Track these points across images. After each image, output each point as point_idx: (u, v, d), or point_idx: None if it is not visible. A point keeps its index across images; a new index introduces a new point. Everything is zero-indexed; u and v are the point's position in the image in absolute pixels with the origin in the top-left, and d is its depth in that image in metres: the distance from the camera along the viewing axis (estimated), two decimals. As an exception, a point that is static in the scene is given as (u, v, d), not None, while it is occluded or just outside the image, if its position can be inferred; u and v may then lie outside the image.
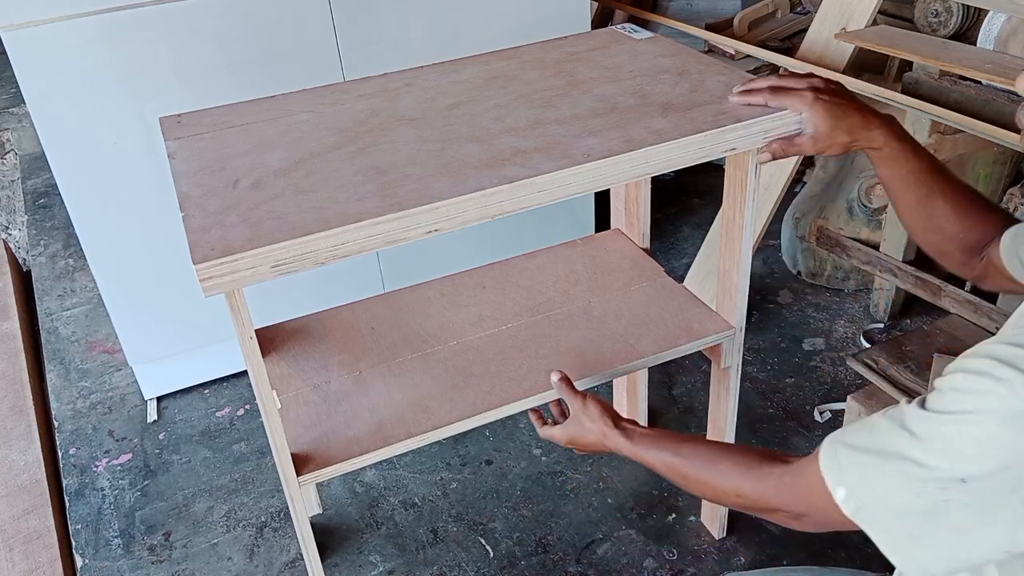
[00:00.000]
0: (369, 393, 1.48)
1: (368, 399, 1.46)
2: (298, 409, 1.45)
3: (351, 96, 1.48)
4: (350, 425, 1.41)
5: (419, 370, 1.52)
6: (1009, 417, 0.69)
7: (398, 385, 1.49)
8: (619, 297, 1.68)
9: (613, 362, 1.52)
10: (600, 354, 1.54)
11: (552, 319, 1.63)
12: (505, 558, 1.89)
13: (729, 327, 1.58)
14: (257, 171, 1.22)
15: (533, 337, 1.59)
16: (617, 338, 1.57)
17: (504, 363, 1.53)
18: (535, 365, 1.51)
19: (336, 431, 1.40)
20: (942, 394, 0.74)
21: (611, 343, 1.56)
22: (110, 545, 1.99)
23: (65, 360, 2.60)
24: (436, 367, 1.53)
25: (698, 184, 3.29)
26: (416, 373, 1.52)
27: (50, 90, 1.88)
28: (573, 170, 1.16)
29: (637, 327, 1.60)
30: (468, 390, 1.47)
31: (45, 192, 3.60)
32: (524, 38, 1.73)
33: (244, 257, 1.01)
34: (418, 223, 1.09)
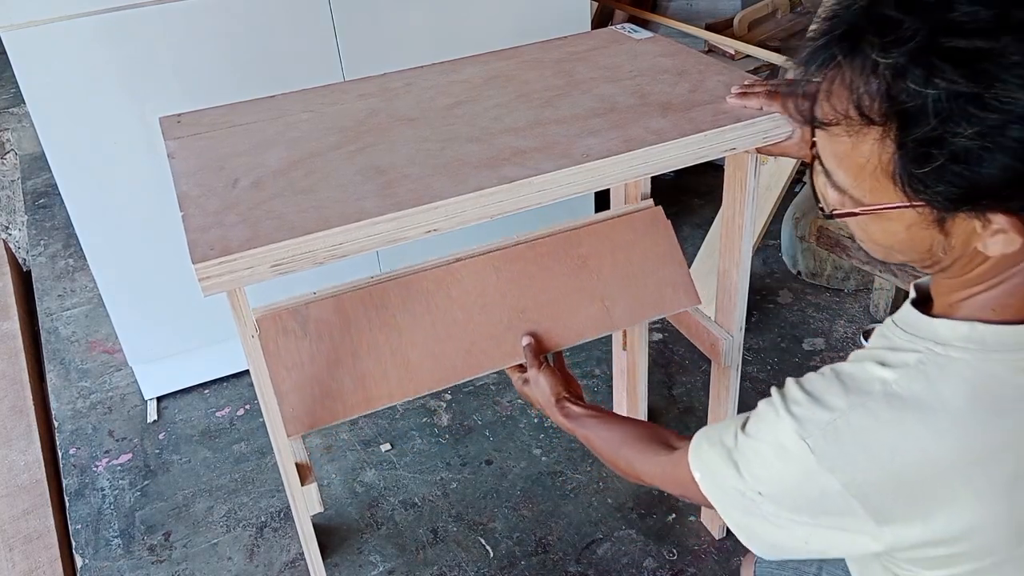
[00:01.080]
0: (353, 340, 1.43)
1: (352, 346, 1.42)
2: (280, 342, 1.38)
3: (351, 96, 1.48)
4: (334, 376, 1.39)
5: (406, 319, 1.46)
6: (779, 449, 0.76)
7: (385, 337, 1.44)
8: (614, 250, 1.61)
9: (586, 331, 1.55)
10: (575, 317, 1.55)
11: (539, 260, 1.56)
12: (505, 558, 1.89)
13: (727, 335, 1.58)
14: (256, 171, 1.22)
15: (517, 279, 1.52)
16: (596, 298, 1.57)
17: (486, 311, 1.49)
18: (513, 320, 1.51)
19: (320, 379, 1.38)
20: (756, 413, 0.82)
21: (588, 304, 1.56)
22: (110, 545, 1.99)
23: (65, 360, 2.60)
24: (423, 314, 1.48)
25: (698, 184, 3.29)
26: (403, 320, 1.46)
27: (50, 90, 1.88)
28: (572, 170, 1.16)
29: (618, 287, 1.57)
30: (450, 343, 1.47)
31: (45, 192, 3.60)
32: (524, 38, 1.73)
33: (243, 257, 1.01)
34: (417, 223, 1.09)
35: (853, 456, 0.71)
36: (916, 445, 0.70)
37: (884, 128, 0.65)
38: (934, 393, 0.70)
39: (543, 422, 2.25)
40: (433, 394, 2.35)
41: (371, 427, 2.27)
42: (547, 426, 2.24)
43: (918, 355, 0.72)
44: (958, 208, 0.66)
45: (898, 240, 0.73)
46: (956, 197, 0.65)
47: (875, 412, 0.71)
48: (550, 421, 2.25)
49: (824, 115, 0.70)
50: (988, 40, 0.59)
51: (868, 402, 0.72)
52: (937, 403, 0.70)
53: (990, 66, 0.59)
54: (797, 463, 0.74)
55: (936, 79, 0.60)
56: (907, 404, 0.70)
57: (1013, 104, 0.59)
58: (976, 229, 0.67)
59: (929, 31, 0.60)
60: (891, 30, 0.62)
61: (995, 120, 0.60)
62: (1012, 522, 0.72)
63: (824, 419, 0.73)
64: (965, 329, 0.72)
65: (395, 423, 2.28)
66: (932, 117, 0.61)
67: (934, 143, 0.62)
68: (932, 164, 0.63)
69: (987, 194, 0.63)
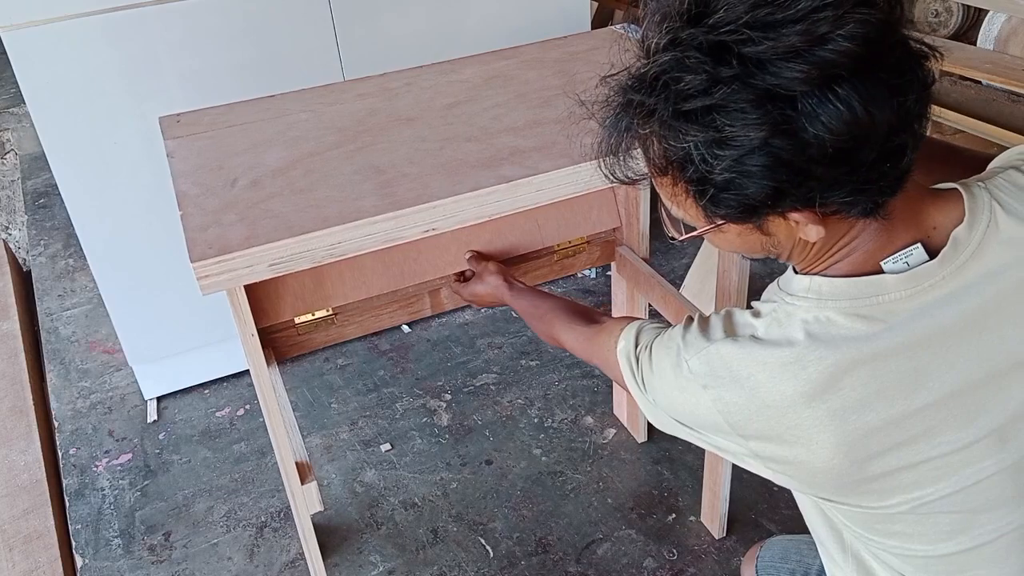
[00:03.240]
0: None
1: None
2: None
3: (350, 96, 1.48)
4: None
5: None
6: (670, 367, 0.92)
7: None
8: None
9: (520, 246, 1.70)
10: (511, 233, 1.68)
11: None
12: (505, 558, 1.89)
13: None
14: (255, 170, 1.22)
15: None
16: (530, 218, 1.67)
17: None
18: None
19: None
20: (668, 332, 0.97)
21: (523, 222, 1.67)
22: (110, 545, 1.99)
23: (65, 360, 2.60)
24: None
25: (698, 184, 3.29)
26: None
27: (50, 90, 1.88)
28: (570, 169, 1.16)
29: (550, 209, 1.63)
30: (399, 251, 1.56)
31: (45, 192, 3.60)
32: (524, 38, 1.73)
33: (241, 256, 1.01)
34: (415, 222, 1.09)
35: (720, 377, 0.87)
36: (769, 374, 0.84)
37: (672, 175, 0.81)
38: (782, 333, 0.85)
39: (543, 422, 2.25)
40: (433, 394, 2.35)
41: (371, 427, 2.27)
42: (547, 426, 2.24)
43: (774, 304, 0.88)
44: (748, 219, 0.81)
45: (740, 246, 0.89)
46: (740, 214, 0.80)
47: (742, 345, 0.86)
48: (550, 421, 2.25)
49: (633, 175, 0.88)
50: (708, 98, 0.73)
51: (738, 339, 0.87)
52: (784, 341, 0.84)
53: (716, 116, 0.73)
54: (679, 379, 0.90)
55: (685, 136, 0.75)
56: (763, 343, 0.85)
57: (743, 140, 0.73)
58: (790, 226, 0.82)
59: (667, 103, 0.76)
60: (641, 109, 0.78)
61: (735, 155, 0.74)
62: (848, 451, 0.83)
63: (703, 346, 0.89)
64: (806, 281, 0.86)
65: (395, 423, 2.28)
66: (694, 162, 0.76)
67: (703, 180, 0.77)
68: (709, 195, 0.78)
69: (760, 206, 0.78)
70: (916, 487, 0.86)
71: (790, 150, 0.73)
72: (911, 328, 0.82)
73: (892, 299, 0.83)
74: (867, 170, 0.76)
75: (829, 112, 0.72)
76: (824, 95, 0.72)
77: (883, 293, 0.83)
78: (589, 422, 2.24)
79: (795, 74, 0.71)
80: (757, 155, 0.74)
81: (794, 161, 0.74)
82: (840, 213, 0.80)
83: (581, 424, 2.24)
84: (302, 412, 2.34)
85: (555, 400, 2.32)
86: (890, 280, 0.83)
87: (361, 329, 1.65)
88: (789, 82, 0.71)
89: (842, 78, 0.72)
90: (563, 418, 2.26)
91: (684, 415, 0.93)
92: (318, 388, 2.43)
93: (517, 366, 2.45)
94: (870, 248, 0.84)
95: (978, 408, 0.84)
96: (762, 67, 0.72)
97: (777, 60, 0.72)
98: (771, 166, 0.74)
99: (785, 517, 1.94)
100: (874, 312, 0.83)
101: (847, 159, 0.74)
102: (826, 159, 0.74)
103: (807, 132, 0.72)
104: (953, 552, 0.90)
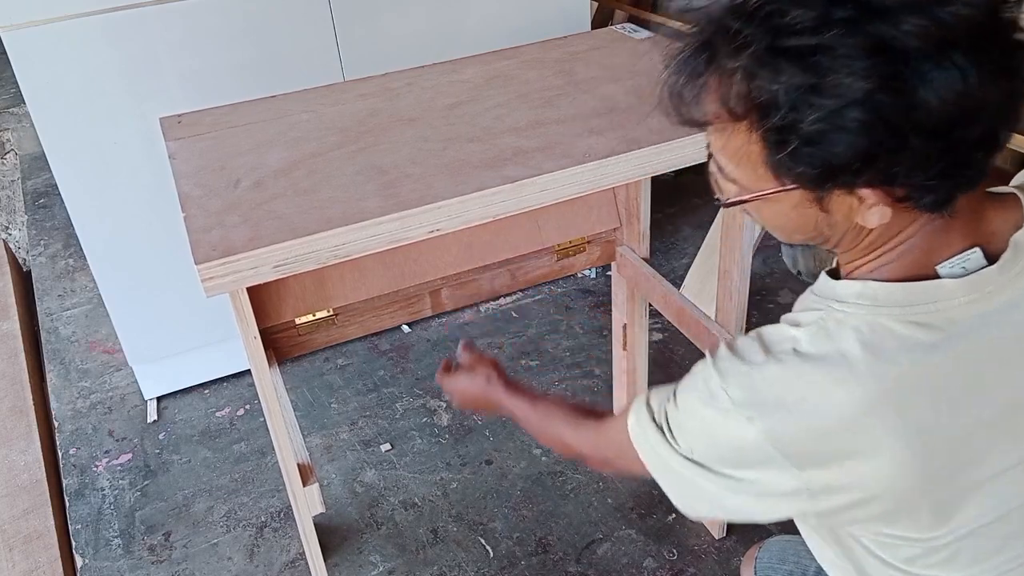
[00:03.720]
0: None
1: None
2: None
3: (351, 96, 1.48)
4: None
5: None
6: (705, 401, 0.83)
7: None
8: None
9: (520, 246, 1.70)
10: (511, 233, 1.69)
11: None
12: (505, 558, 1.89)
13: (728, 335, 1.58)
14: (258, 171, 1.21)
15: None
16: (531, 217, 1.68)
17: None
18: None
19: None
20: (690, 373, 0.89)
21: (524, 222, 1.67)
22: (110, 545, 1.99)
23: (65, 360, 2.60)
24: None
25: (698, 184, 3.27)
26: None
27: (50, 90, 1.88)
28: (574, 170, 1.16)
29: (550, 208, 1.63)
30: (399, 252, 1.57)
31: (45, 192, 3.59)
32: (524, 38, 1.73)
33: (246, 257, 1.01)
34: (420, 223, 1.09)
35: (768, 405, 0.78)
36: (821, 394, 0.76)
37: (748, 122, 0.74)
38: (833, 346, 0.77)
39: (543, 422, 2.25)
40: (433, 394, 2.35)
41: (371, 427, 2.27)
42: (547, 426, 2.23)
43: (819, 313, 0.81)
44: (822, 185, 0.74)
45: (789, 220, 0.81)
46: (816, 176, 0.73)
47: (786, 364, 0.78)
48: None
49: (700, 117, 0.79)
50: (816, 37, 0.67)
51: (781, 356, 0.79)
52: (836, 354, 0.77)
53: (822, 59, 0.67)
54: (719, 413, 0.80)
55: (779, 75, 0.69)
56: (812, 358, 0.77)
57: (846, 90, 0.67)
58: (853, 205, 0.76)
59: (767, 35, 0.69)
60: (736, 38, 0.71)
61: (833, 105, 0.68)
62: (917, 469, 0.77)
63: (742, 371, 0.80)
64: (858, 287, 0.80)
65: (395, 423, 2.28)
66: (782, 108, 0.69)
67: (787, 130, 0.70)
68: (789, 148, 0.71)
69: (842, 170, 0.71)
70: (976, 509, 0.81)
71: (894, 110, 0.67)
72: (972, 337, 0.77)
73: (951, 306, 0.77)
74: (962, 152, 0.71)
75: (943, 77, 0.67)
76: (940, 58, 0.67)
77: (941, 300, 0.77)
78: (589, 422, 2.24)
79: (913, 28, 0.66)
80: (858, 109, 0.68)
81: (895, 123, 0.68)
82: (910, 201, 0.74)
83: (581, 424, 2.23)
84: (302, 412, 2.34)
85: (555, 400, 2.32)
86: (949, 285, 0.78)
87: (361, 329, 1.65)
88: (905, 36, 0.66)
89: (959, 45, 0.67)
90: (563, 418, 2.26)
91: (729, 455, 0.82)
92: (318, 388, 2.43)
93: (517, 366, 2.45)
94: (925, 249, 0.79)
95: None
96: (879, 14, 0.67)
97: (896, 10, 0.67)
98: (870, 124, 0.68)
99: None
100: (933, 320, 0.77)
101: (947, 134, 0.69)
102: (927, 129, 0.68)
103: (916, 94, 0.67)
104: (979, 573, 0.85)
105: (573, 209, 1.72)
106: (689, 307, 1.69)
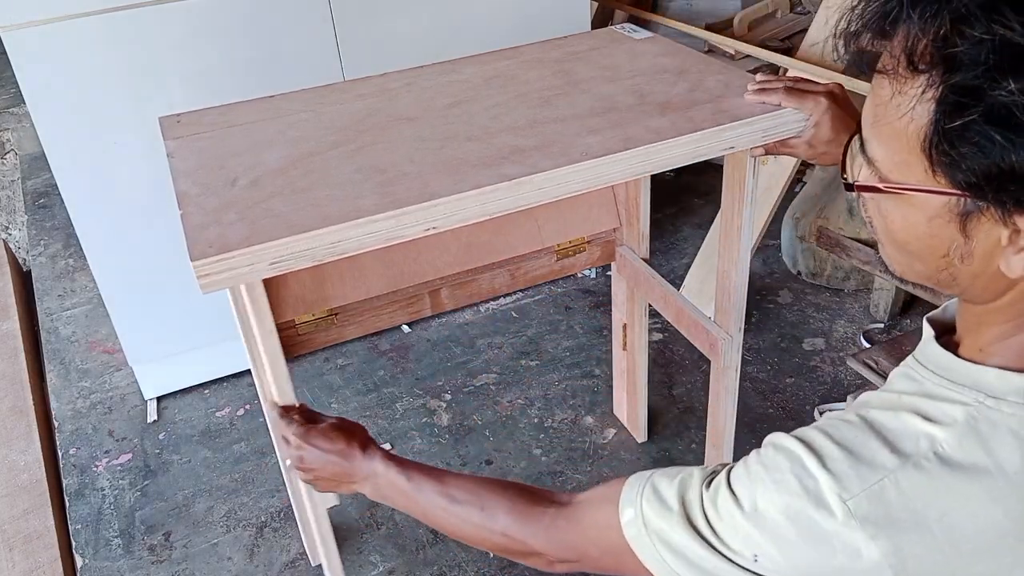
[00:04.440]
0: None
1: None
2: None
3: (350, 96, 1.48)
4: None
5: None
6: (803, 507, 0.67)
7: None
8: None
9: (519, 246, 1.70)
10: (511, 233, 1.69)
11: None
12: (505, 558, 1.89)
13: (727, 335, 1.58)
14: (255, 170, 1.21)
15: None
16: (530, 217, 1.68)
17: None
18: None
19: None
20: (748, 463, 0.74)
21: (523, 221, 1.68)
22: (110, 545, 1.99)
23: (65, 360, 2.60)
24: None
25: (698, 184, 3.29)
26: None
27: (50, 90, 1.88)
28: (571, 168, 1.16)
29: (550, 208, 1.65)
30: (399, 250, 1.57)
31: (45, 192, 3.60)
32: (524, 38, 1.73)
33: (242, 254, 1.01)
34: (416, 220, 1.09)
35: (900, 521, 0.64)
36: (969, 512, 0.63)
37: (928, 77, 0.59)
38: (989, 455, 0.63)
39: (543, 422, 2.25)
40: (433, 394, 2.35)
41: (371, 427, 2.27)
42: (547, 426, 2.24)
43: (967, 408, 0.65)
44: (978, 191, 0.59)
45: (917, 235, 0.65)
46: (979, 173, 0.58)
47: (928, 473, 0.64)
48: (550, 421, 2.25)
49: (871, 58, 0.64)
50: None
51: (920, 462, 0.64)
52: (993, 466, 0.63)
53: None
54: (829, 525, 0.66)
55: (995, 25, 0.55)
56: (960, 467, 0.63)
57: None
58: (1001, 240, 0.61)
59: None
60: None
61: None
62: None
63: (871, 478, 0.65)
64: (1017, 381, 0.64)
65: (395, 423, 2.28)
66: (980, 64, 0.55)
67: (973, 92, 0.56)
68: (965, 118, 0.57)
69: (1010, 178, 0.57)
70: None
71: None
72: None
73: None
74: None
75: None
76: None
77: None
78: (589, 422, 2.24)
79: None
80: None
81: None
82: None
83: (581, 424, 2.24)
84: (302, 412, 2.34)
85: (555, 400, 2.32)
86: None
87: (361, 329, 1.65)
88: None
89: None
90: (563, 418, 2.26)
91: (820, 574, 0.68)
92: (318, 388, 2.43)
93: (517, 366, 2.45)
94: None
95: None
96: None
97: None
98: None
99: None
100: None
101: None
102: None
103: None
104: None
105: (573, 209, 1.72)
106: (688, 307, 1.69)
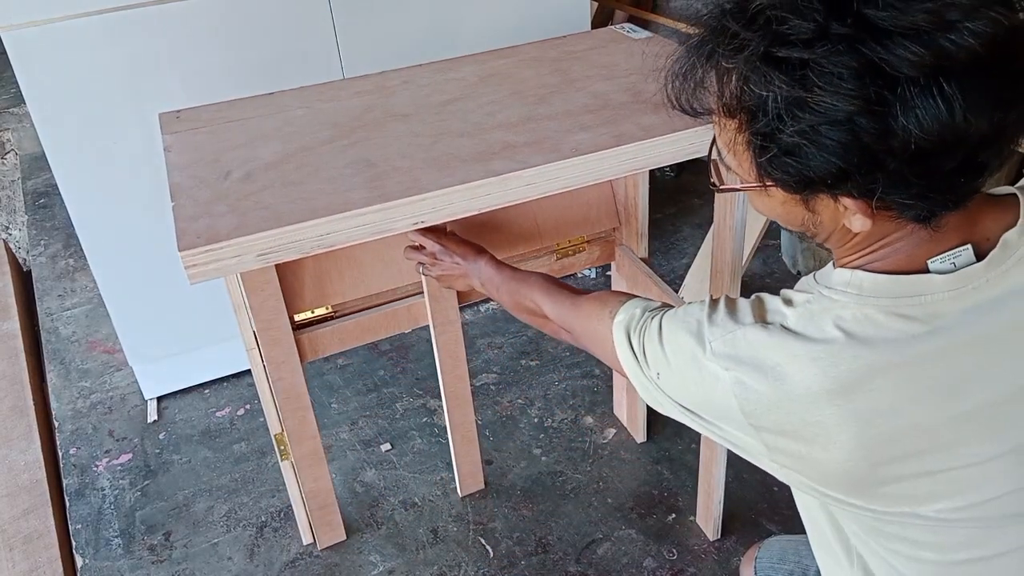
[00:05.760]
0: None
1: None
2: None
3: (347, 93, 1.48)
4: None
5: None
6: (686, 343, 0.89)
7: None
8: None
9: (518, 243, 1.71)
10: (510, 230, 1.71)
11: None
12: (505, 558, 1.89)
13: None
14: (249, 164, 1.22)
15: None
16: (529, 215, 1.69)
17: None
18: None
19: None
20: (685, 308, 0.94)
21: (522, 219, 1.68)
22: (110, 545, 1.99)
23: (65, 360, 2.60)
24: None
25: (698, 184, 3.28)
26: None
27: (50, 90, 1.88)
28: (561, 164, 1.16)
29: (549, 206, 1.68)
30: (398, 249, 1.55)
31: (45, 192, 3.61)
32: (523, 38, 1.73)
33: (230, 245, 1.01)
34: (404, 214, 1.09)
35: (744, 363, 0.82)
36: (797, 367, 0.79)
37: (738, 120, 0.76)
38: (815, 328, 0.80)
39: (543, 422, 2.24)
40: (433, 394, 2.35)
41: (371, 427, 2.27)
42: (547, 426, 2.23)
43: (808, 296, 0.84)
44: (800, 192, 0.77)
45: (778, 213, 0.85)
46: (793, 183, 0.75)
47: (770, 333, 0.82)
48: (550, 421, 2.25)
49: (699, 108, 0.83)
50: (809, 51, 0.67)
51: (768, 326, 0.83)
52: (817, 335, 0.80)
53: (811, 73, 0.67)
54: (697, 358, 0.86)
55: (770, 83, 0.69)
56: (794, 335, 0.81)
57: (828, 108, 0.68)
58: (838, 210, 0.78)
59: (763, 41, 0.70)
60: (734, 40, 0.72)
61: (811, 121, 0.69)
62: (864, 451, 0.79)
63: (730, 327, 0.85)
64: (847, 275, 0.82)
65: (395, 423, 2.28)
66: (768, 115, 0.71)
67: (769, 137, 0.73)
68: (769, 154, 0.74)
69: (818, 183, 0.73)
70: (930, 498, 0.81)
71: (872, 134, 0.68)
72: (954, 332, 0.78)
73: (936, 299, 0.78)
74: (941, 179, 0.71)
75: (927, 107, 0.66)
76: (928, 87, 0.66)
77: (927, 293, 0.78)
78: (589, 422, 2.23)
79: (908, 55, 0.65)
80: (836, 129, 0.68)
81: (872, 147, 0.69)
82: (892, 211, 0.75)
83: (581, 424, 2.23)
84: (302, 412, 2.34)
85: (555, 400, 2.32)
86: (936, 280, 0.78)
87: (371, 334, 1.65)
88: (899, 62, 0.65)
89: (953, 74, 0.66)
90: (563, 418, 2.26)
91: (693, 398, 0.89)
92: (318, 388, 2.43)
93: (517, 366, 2.45)
94: (914, 249, 0.80)
95: (1006, 422, 0.80)
96: (876, 36, 0.66)
97: (895, 34, 0.66)
98: (846, 145, 0.69)
99: (785, 517, 1.93)
100: (916, 312, 0.78)
101: (925, 161, 0.69)
102: (905, 155, 0.68)
103: (897, 121, 0.67)
104: (967, 560, 0.85)
105: (572, 209, 1.71)
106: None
